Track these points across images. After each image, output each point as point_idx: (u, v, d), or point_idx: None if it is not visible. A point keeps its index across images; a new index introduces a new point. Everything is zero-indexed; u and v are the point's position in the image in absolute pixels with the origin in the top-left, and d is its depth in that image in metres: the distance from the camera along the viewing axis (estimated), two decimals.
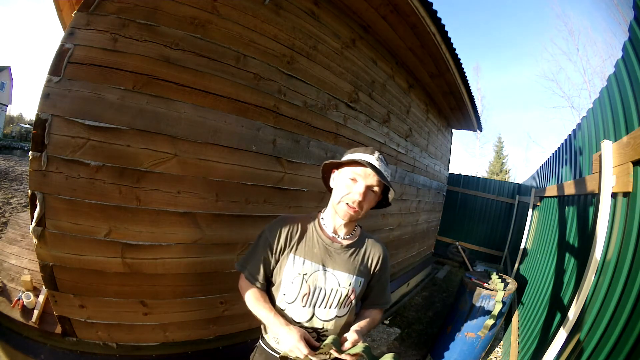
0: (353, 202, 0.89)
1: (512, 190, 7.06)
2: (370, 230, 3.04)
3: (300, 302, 0.93)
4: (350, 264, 0.98)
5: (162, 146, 1.50)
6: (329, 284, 0.94)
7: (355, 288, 0.97)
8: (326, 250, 0.97)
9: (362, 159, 0.90)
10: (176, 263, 1.61)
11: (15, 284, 1.98)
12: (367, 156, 0.92)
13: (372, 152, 0.93)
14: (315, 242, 0.97)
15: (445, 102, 4.30)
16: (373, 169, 0.88)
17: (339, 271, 0.96)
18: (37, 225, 1.34)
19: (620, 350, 1.00)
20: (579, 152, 2.35)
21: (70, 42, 1.33)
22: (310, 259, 0.95)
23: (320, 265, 0.95)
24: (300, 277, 0.93)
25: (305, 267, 0.94)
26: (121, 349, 1.59)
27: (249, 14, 1.74)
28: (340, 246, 0.98)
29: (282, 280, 0.95)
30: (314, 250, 0.96)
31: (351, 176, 0.91)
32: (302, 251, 0.96)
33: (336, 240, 0.99)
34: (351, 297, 0.96)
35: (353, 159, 0.90)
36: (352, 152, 0.97)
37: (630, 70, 1.42)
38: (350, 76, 2.49)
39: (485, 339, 2.46)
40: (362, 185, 0.89)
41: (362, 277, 0.99)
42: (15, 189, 6.80)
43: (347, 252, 0.98)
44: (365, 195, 0.90)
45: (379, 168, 0.90)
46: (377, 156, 0.92)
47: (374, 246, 1.04)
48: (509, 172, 21.64)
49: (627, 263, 1.13)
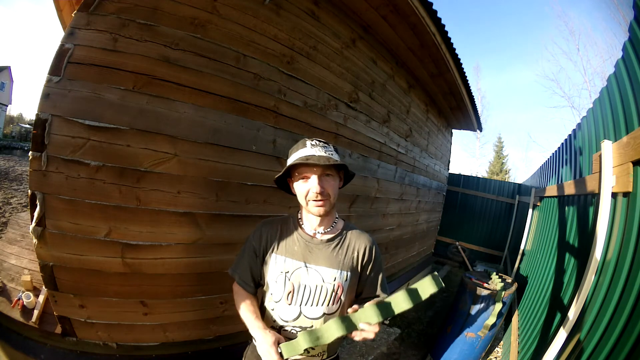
0: (316, 196, 0.89)
1: (512, 190, 7.05)
2: (371, 230, 3.05)
3: (285, 300, 0.94)
4: (334, 258, 0.96)
5: (162, 146, 1.50)
6: (312, 281, 0.94)
7: (341, 283, 0.95)
8: (307, 246, 0.97)
9: (298, 157, 0.90)
10: (176, 263, 1.61)
11: (15, 284, 1.98)
12: (302, 151, 0.92)
13: (303, 144, 0.93)
14: (295, 239, 0.98)
15: (445, 102, 4.30)
16: (311, 159, 0.87)
17: (321, 267, 0.95)
18: (37, 225, 1.34)
19: (620, 350, 1.00)
20: (579, 152, 2.35)
21: (70, 42, 1.33)
22: (291, 256, 0.96)
23: (302, 262, 0.95)
24: (283, 275, 0.94)
25: (286, 265, 0.95)
26: (121, 349, 1.59)
27: (249, 14, 1.74)
28: (320, 241, 0.97)
29: (268, 281, 0.97)
30: (294, 247, 0.97)
31: (301, 177, 0.92)
32: (283, 250, 0.97)
33: (316, 235, 0.99)
34: (339, 293, 0.95)
35: (292, 164, 0.90)
36: (289, 155, 0.97)
37: (630, 70, 1.42)
38: (350, 76, 2.48)
39: (485, 339, 2.46)
40: (314, 179, 0.90)
41: (348, 271, 0.97)
42: (15, 189, 6.80)
43: (329, 247, 0.97)
44: (322, 184, 0.90)
45: (317, 153, 0.89)
46: (310, 144, 0.92)
47: (358, 238, 1.01)
48: (509, 172, 21.66)
49: (627, 263, 1.13)
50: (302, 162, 0.88)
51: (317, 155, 0.89)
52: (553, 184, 3.20)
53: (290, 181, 0.99)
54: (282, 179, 0.99)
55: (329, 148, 0.94)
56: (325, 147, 0.93)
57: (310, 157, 0.88)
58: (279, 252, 0.97)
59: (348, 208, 2.66)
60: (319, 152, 0.90)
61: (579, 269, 1.69)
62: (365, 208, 2.93)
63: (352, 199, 2.69)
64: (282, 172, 0.95)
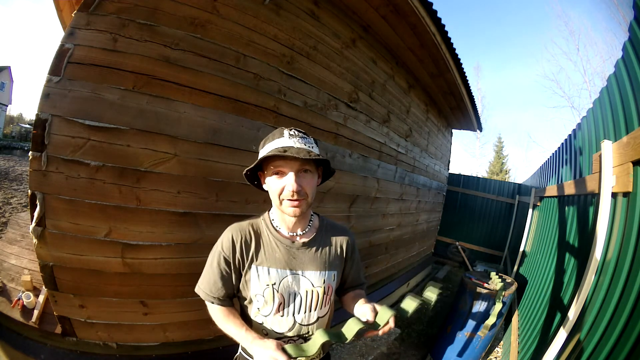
0: (292, 195, 0.78)
1: (512, 190, 7.05)
2: (371, 231, 3.05)
3: (277, 313, 0.86)
4: (319, 260, 0.90)
5: (162, 146, 1.50)
6: (302, 287, 0.87)
7: (330, 284, 0.91)
8: (288, 252, 0.87)
9: (274, 147, 0.78)
10: (176, 263, 1.61)
11: (15, 284, 1.98)
12: (278, 142, 0.80)
13: (281, 133, 0.81)
14: (274, 245, 0.88)
15: (445, 102, 4.30)
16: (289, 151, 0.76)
17: (308, 271, 0.88)
18: (37, 225, 1.34)
19: (620, 350, 1.00)
20: (579, 152, 2.35)
21: (70, 42, 1.33)
22: (275, 265, 0.86)
23: (287, 270, 0.86)
24: (270, 288, 0.84)
25: (271, 277, 0.85)
26: (121, 349, 1.59)
27: (249, 14, 1.74)
28: (302, 244, 0.89)
29: (250, 295, 0.86)
30: (275, 255, 0.87)
31: (275, 171, 0.80)
32: (263, 260, 0.86)
33: (295, 238, 0.89)
34: (329, 294, 0.91)
35: (266, 155, 0.78)
36: (262, 145, 0.85)
37: (630, 70, 1.42)
38: (350, 76, 2.48)
39: (485, 339, 2.46)
40: (290, 175, 0.78)
41: (335, 270, 0.92)
42: (15, 189, 6.80)
43: (312, 249, 0.90)
44: (300, 181, 0.79)
45: (295, 145, 0.78)
46: (288, 134, 0.80)
47: (337, 233, 0.96)
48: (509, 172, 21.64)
49: (627, 263, 1.13)
50: (279, 154, 0.76)
51: (295, 147, 0.78)
52: (553, 184, 3.20)
53: (261, 175, 0.88)
54: (254, 172, 0.87)
55: (309, 140, 0.83)
56: (304, 138, 0.82)
57: (288, 149, 0.76)
58: (260, 262, 0.86)
59: (348, 208, 2.66)
60: (297, 144, 0.79)
61: (579, 269, 1.69)
62: (365, 208, 2.93)
63: (352, 199, 2.69)
64: (254, 164, 0.82)
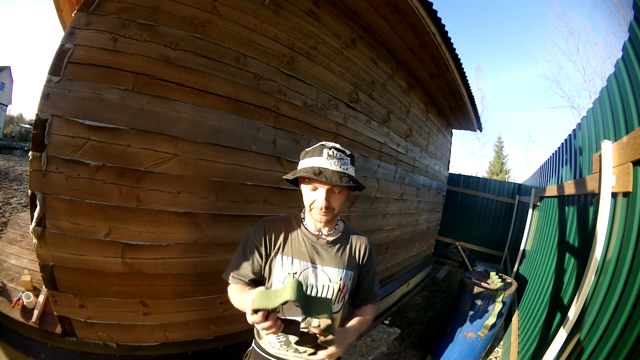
0: (321, 209, 0.89)
1: (512, 190, 7.06)
2: (371, 230, 3.05)
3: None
4: (339, 258, 0.99)
5: (162, 146, 1.50)
6: (320, 281, 0.95)
7: (346, 282, 0.98)
8: (313, 247, 0.97)
9: (310, 167, 0.87)
10: (176, 263, 1.61)
11: (15, 284, 1.98)
12: (316, 160, 0.88)
13: (320, 151, 0.89)
14: (301, 240, 0.98)
15: (446, 102, 4.30)
16: (324, 173, 0.84)
17: (328, 267, 0.97)
18: (37, 225, 1.34)
19: (620, 350, 1.00)
20: (579, 152, 2.35)
21: (70, 42, 1.33)
22: (299, 257, 0.95)
23: (309, 263, 0.95)
24: (290, 276, 0.94)
25: (294, 266, 0.94)
26: (121, 349, 1.59)
27: (249, 14, 1.74)
28: (326, 242, 0.98)
29: (272, 282, 0.96)
30: (300, 248, 0.96)
31: (310, 184, 0.91)
32: (289, 251, 0.96)
33: (321, 237, 0.99)
34: (344, 292, 0.98)
35: (304, 176, 0.86)
36: (302, 156, 0.94)
37: (630, 70, 1.42)
38: (350, 76, 2.48)
39: (485, 339, 2.46)
40: (322, 192, 0.88)
41: (352, 270, 1.00)
42: (15, 189, 6.80)
43: (334, 248, 0.99)
44: (329, 197, 0.89)
45: (331, 168, 0.86)
46: (326, 155, 0.88)
47: (359, 239, 1.05)
48: (509, 172, 21.64)
49: (627, 263, 1.13)
50: (315, 176, 0.84)
51: (330, 170, 0.86)
52: (553, 184, 3.20)
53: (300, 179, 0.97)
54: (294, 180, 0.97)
55: (345, 161, 0.90)
56: (341, 159, 0.89)
57: (323, 171, 0.85)
58: (286, 252, 0.96)
59: (348, 208, 2.66)
60: (333, 166, 0.87)
61: (579, 269, 1.69)
62: (366, 208, 2.93)
63: (352, 199, 2.69)
64: (292, 176, 0.93)
